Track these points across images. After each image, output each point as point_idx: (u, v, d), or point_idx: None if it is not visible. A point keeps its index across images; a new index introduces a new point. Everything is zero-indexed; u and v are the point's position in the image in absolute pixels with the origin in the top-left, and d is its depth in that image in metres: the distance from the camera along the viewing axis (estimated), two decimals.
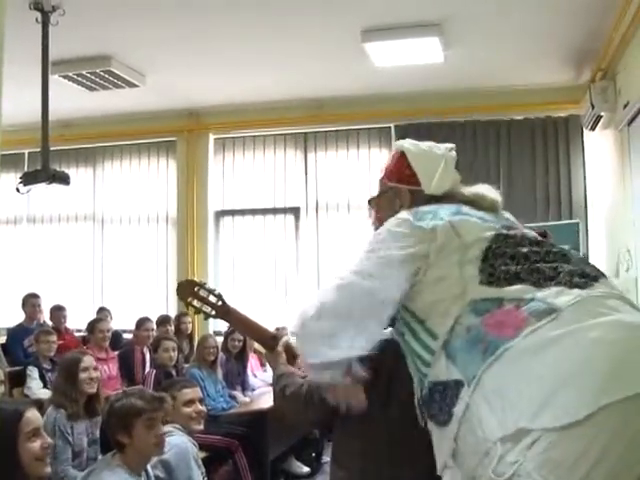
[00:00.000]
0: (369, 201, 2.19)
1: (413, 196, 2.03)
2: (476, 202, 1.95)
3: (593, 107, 5.86)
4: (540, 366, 1.48)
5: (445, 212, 1.85)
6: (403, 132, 7.16)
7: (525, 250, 1.72)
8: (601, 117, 6.00)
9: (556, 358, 1.48)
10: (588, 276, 1.65)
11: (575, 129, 7.10)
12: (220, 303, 2.28)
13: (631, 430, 1.41)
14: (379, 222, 2.06)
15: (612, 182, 6.16)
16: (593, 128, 6.35)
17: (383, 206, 2.12)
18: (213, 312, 2.28)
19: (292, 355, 2.33)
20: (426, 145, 2.12)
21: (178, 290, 2.34)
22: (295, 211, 8.06)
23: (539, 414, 1.44)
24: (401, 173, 2.07)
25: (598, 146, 6.77)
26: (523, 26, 5.47)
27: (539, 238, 1.82)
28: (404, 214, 1.88)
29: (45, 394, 5.01)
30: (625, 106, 5.33)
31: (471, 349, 1.59)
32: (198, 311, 2.29)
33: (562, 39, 5.80)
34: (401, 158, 2.09)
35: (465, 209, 1.88)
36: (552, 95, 6.95)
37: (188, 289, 2.30)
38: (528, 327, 1.52)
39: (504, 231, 1.80)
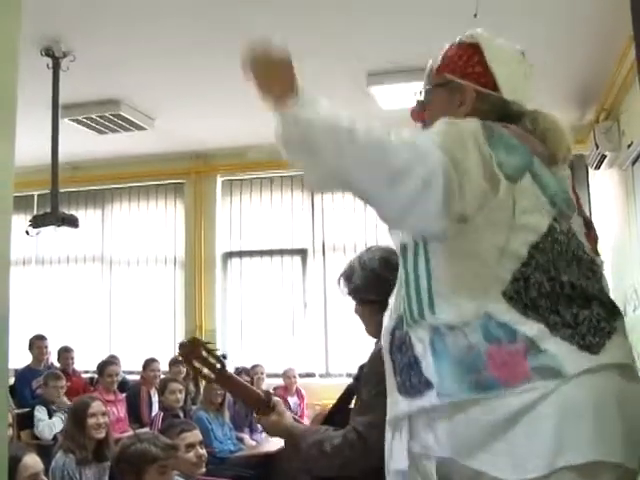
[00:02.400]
0: (419, 96, 1.77)
1: (478, 100, 1.64)
2: (549, 143, 1.58)
3: (597, 147, 5.91)
4: (512, 428, 1.40)
5: (519, 157, 1.48)
6: None
7: (564, 279, 1.46)
8: (605, 157, 6.03)
9: (527, 430, 1.40)
10: (602, 331, 1.46)
11: (580, 168, 7.12)
12: (219, 366, 2.22)
13: None
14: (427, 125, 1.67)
15: (617, 221, 6.17)
16: (598, 167, 6.38)
17: (435, 103, 1.72)
18: (213, 376, 2.26)
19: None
20: (502, 40, 1.71)
21: (181, 349, 2.28)
22: (302, 252, 8.08)
23: (495, 464, 1.41)
24: (470, 68, 1.66)
25: (603, 185, 6.79)
26: None
27: (581, 250, 1.53)
28: (475, 123, 1.49)
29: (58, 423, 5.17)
30: (629, 146, 5.37)
31: (463, 371, 1.45)
32: (199, 373, 2.27)
33: (565, 80, 5.86)
34: (472, 50, 1.67)
35: (537, 165, 1.50)
36: None
37: (192, 348, 2.24)
38: (527, 384, 1.40)
39: (556, 225, 1.49)
